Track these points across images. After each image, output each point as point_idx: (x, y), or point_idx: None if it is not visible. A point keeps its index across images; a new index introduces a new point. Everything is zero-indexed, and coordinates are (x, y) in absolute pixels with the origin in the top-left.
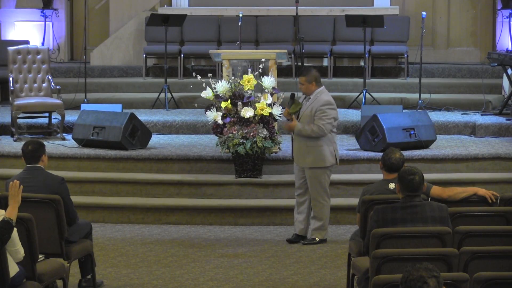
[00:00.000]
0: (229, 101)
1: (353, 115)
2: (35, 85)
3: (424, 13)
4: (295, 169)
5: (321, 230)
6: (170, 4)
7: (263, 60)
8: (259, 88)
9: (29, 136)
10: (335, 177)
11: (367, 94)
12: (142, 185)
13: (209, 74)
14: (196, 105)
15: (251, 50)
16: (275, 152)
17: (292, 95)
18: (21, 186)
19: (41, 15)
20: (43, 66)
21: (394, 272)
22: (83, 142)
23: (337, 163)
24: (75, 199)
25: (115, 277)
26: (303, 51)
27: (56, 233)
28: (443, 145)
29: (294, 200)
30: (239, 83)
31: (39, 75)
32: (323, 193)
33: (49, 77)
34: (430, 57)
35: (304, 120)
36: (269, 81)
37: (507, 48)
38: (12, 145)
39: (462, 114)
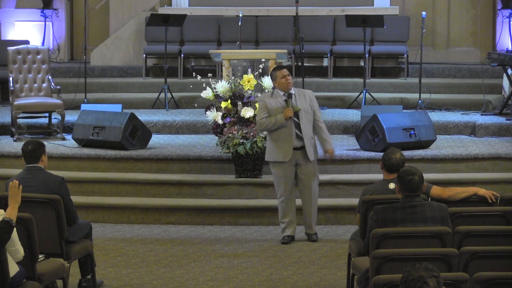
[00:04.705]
0: (229, 101)
1: (353, 115)
2: (35, 85)
3: (424, 13)
4: (286, 170)
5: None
6: (170, 4)
7: (263, 60)
8: (259, 88)
9: (29, 136)
10: (335, 177)
11: (367, 94)
12: (142, 185)
13: (209, 74)
14: (196, 105)
15: (251, 50)
16: None
17: (290, 95)
18: (21, 186)
19: (41, 15)
20: (43, 66)
21: (394, 272)
22: (83, 142)
23: None
24: (75, 199)
25: (115, 277)
26: (303, 51)
27: (56, 233)
28: (443, 145)
29: (279, 206)
30: (239, 83)
31: (39, 75)
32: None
33: (49, 77)
34: (430, 57)
35: (306, 116)
36: (269, 81)
37: (507, 48)
38: (12, 145)
39: (462, 114)
